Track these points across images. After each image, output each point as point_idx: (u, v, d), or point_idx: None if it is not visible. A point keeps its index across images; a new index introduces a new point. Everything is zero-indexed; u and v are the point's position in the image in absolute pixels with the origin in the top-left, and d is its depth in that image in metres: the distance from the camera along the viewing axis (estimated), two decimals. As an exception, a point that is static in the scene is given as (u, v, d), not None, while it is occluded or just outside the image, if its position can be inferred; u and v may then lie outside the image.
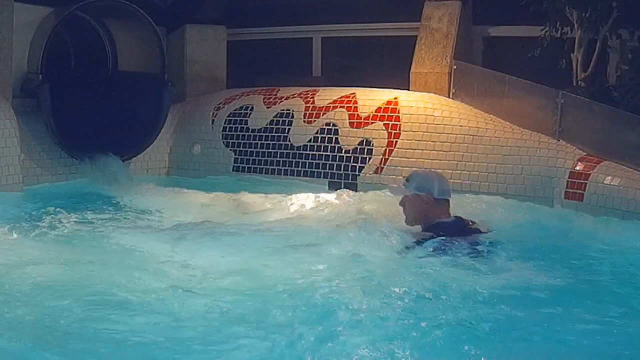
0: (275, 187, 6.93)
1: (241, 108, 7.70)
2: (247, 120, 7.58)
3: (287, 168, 7.26)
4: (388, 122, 6.82)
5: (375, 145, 6.84)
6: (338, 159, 6.99)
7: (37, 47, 7.09)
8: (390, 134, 6.79)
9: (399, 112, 6.82)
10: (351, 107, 7.07)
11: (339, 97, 7.22)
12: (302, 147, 7.20)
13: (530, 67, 6.87)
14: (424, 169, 5.87)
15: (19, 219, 5.32)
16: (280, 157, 7.30)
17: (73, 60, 8.09)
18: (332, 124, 7.09)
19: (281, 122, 7.37)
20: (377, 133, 6.84)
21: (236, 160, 7.56)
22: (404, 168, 6.61)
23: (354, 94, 7.19)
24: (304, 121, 7.25)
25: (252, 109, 7.62)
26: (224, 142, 7.67)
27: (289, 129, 7.29)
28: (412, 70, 7.22)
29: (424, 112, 6.74)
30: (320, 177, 7.04)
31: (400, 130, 6.75)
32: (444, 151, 6.49)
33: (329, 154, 7.04)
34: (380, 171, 6.77)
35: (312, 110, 7.25)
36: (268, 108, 7.54)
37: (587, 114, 6.03)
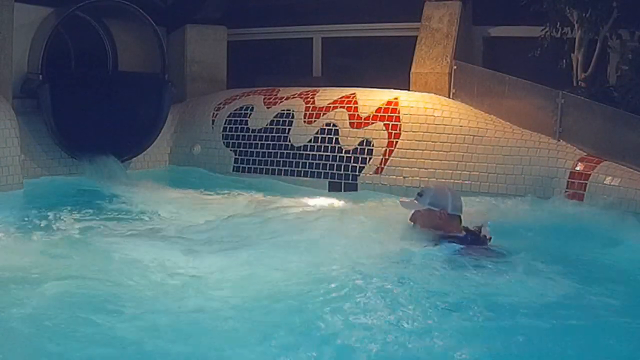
0: (275, 187, 6.94)
1: (241, 108, 7.70)
2: (247, 120, 7.58)
3: (287, 168, 7.25)
4: (388, 122, 6.83)
5: (375, 145, 6.84)
6: (338, 159, 6.99)
7: (37, 47, 7.09)
8: (390, 134, 6.79)
9: (399, 112, 6.82)
10: (351, 107, 7.07)
11: (339, 97, 7.22)
12: (302, 147, 7.20)
13: (530, 67, 6.87)
14: (435, 184, 5.82)
15: (18, 218, 5.31)
16: (280, 157, 7.30)
17: (73, 60, 8.10)
18: (332, 124, 7.09)
19: (281, 122, 7.37)
20: (377, 133, 6.84)
21: (236, 160, 7.56)
22: (404, 168, 6.62)
23: (354, 94, 7.20)
24: (304, 121, 7.25)
25: (252, 109, 7.62)
26: (224, 142, 7.68)
27: (289, 129, 7.29)
28: (412, 70, 7.22)
29: (424, 112, 6.74)
30: (320, 177, 7.04)
31: (400, 130, 6.75)
32: (444, 151, 6.49)
33: (329, 154, 7.04)
34: (380, 171, 6.77)
35: (312, 110, 7.25)
36: (268, 108, 7.54)
37: (587, 114, 6.03)
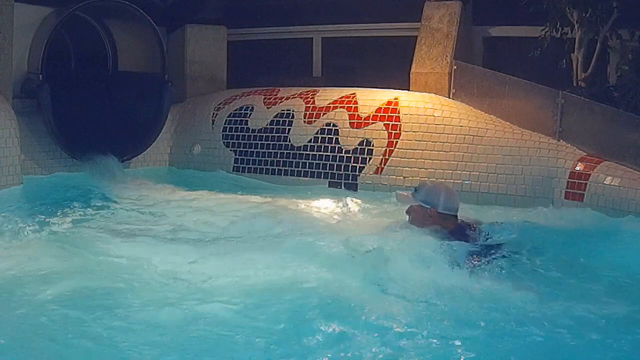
0: (275, 187, 6.94)
1: (241, 108, 7.70)
2: (247, 120, 7.58)
3: (287, 168, 7.25)
4: (388, 122, 6.82)
5: (375, 145, 6.83)
6: (338, 159, 6.98)
7: (37, 47, 7.09)
8: (390, 134, 6.79)
9: (399, 112, 6.82)
10: (351, 107, 7.07)
11: (339, 97, 7.22)
12: (302, 147, 7.20)
13: (530, 67, 6.88)
14: (434, 181, 5.78)
15: (17, 218, 5.31)
16: (280, 157, 7.30)
17: (73, 60, 8.10)
18: (332, 124, 7.09)
19: (281, 122, 7.37)
20: (377, 133, 6.84)
21: (236, 160, 7.56)
22: (404, 168, 6.62)
23: (354, 94, 7.19)
24: (304, 121, 7.25)
25: (252, 109, 7.62)
26: (224, 142, 7.68)
27: (289, 129, 7.29)
28: (412, 70, 7.22)
29: (424, 112, 6.74)
30: (320, 177, 7.04)
31: (400, 130, 6.75)
32: (444, 151, 6.49)
33: (329, 154, 7.04)
34: (380, 171, 6.77)
35: (312, 110, 7.25)
36: (268, 108, 7.54)
37: (587, 114, 6.03)
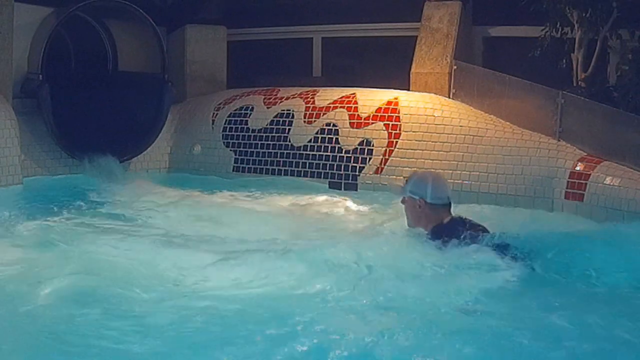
0: (275, 187, 6.93)
1: (241, 108, 7.70)
2: (247, 120, 7.58)
3: (287, 168, 7.25)
4: (388, 122, 6.82)
5: (375, 145, 6.83)
6: (338, 159, 6.98)
7: (37, 47, 7.09)
8: (390, 134, 6.78)
9: (399, 112, 6.82)
10: (351, 107, 7.07)
11: (339, 97, 7.22)
12: (302, 147, 7.19)
13: (530, 67, 6.87)
14: (423, 170, 5.77)
15: (17, 218, 5.31)
16: (280, 157, 7.30)
17: (73, 60, 8.10)
18: (332, 124, 7.08)
19: (281, 122, 7.37)
20: (377, 133, 6.84)
21: (236, 160, 7.56)
22: (404, 168, 6.61)
23: (354, 94, 7.19)
24: (304, 121, 7.25)
25: (252, 109, 7.62)
26: (224, 142, 7.67)
27: (289, 129, 7.29)
28: (412, 70, 7.22)
29: (424, 112, 6.74)
30: (320, 177, 7.03)
31: (400, 130, 6.74)
32: (444, 151, 6.49)
33: (329, 154, 7.03)
34: (380, 171, 6.77)
35: (312, 110, 7.25)
36: (268, 108, 7.53)
37: (587, 114, 6.03)
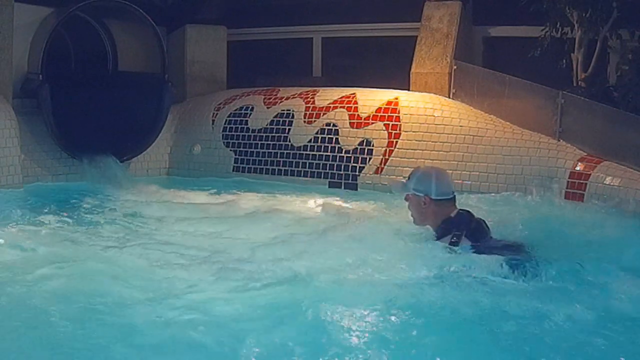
0: (275, 188, 6.93)
1: (241, 108, 7.70)
2: (247, 120, 7.58)
3: (287, 168, 7.25)
4: (388, 122, 6.83)
5: (375, 145, 6.84)
6: (338, 159, 6.99)
7: (37, 47, 7.09)
8: (390, 134, 6.79)
9: (399, 112, 6.82)
10: (351, 107, 7.07)
11: (339, 97, 7.22)
12: (302, 147, 7.20)
13: (530, 67, 6.87)
14: (425, 166, 5.70)
15: (17, 218, 5.31)
16: (280, 157, 7.30)
17: (73, 60, 8.10)
18: (332, 124, 7.09)
19: (281, 122, 7.37)
20: (377, 133, 6.84)
21: (236, 160, 7.56)
22: (404, 168, 6.61)
23: (354, 94, 7.19)
24: (304, 121, 7.25)
25: (252, 109, 7.62)
26: (224, 142, 7.67)
27: (289, 129, 7.29)
28: (412, 70, 7.22)
29: (424, 112, 6.74)
30: (320, 177, 7.04)
31: (400, 130, 6.75)
32: (444, 151, 6.49)
33: (329, 154, 7.04)
34: (380, 171, 6.77)
35: (312, 110, 7.25)
36: (268, 108, 7.54)
37: (587, 114, 6.03)
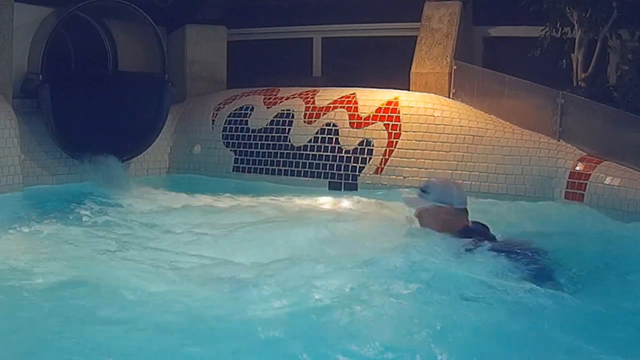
0: (275, 188, 6.94)
1: (241, 108, 7.70)
2: (247, 120, 7.58)
3: (287, 168, 7.25)
4: (388, 122, 6.83)
5: (375, 145, 6.84)
6: (338, 159, 6.98)
7: (37, 47, 7.08)
8: (390, 134, 6.79)
9: (399, 112, 6.82)
10: (351, 107, 7.07)
11: (339, 97, 7.22)
12: (302, 147, 7.20)
13: (530, 67, 6.87)
14: (437, 178, 5.76)
15: (17, 218, 5.31)
16: (280, 157, 7.30)
17: (73, 60, 8.09)
18: (332, 124, 7.09)
19: (281, 122, 7.37)
20: (377, 133, 6.84)
21: (236, 160, 7.56)
22: (404, 168, 6.63)
23: (354, 94, 7.19)
24: (304, 121, 7.25)
25: (252, 109, 7.62)
26: (224, 142, 7.67)
27: (289, 129, 7.29)
28: (412, 70, 7.22)
29: (424, 112, 6.74)
30: (320, 177, 7.04)
31: (400, 130, 6.75)
32: (444, 151, 6.50)
33: (329, 154, 7.04)
34: (381, 171, 6.77)
35: (312, 110, 7.25)
36: (268, 108, 7.54)
37: (587, 114, 6.03)
